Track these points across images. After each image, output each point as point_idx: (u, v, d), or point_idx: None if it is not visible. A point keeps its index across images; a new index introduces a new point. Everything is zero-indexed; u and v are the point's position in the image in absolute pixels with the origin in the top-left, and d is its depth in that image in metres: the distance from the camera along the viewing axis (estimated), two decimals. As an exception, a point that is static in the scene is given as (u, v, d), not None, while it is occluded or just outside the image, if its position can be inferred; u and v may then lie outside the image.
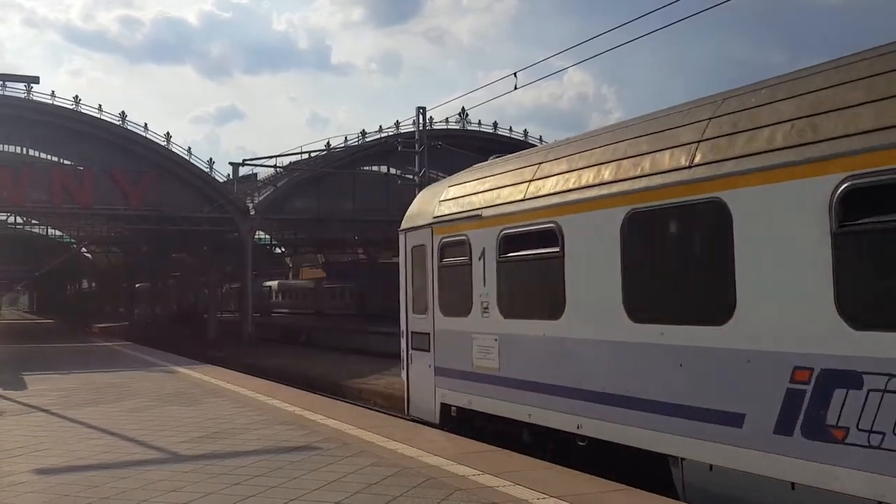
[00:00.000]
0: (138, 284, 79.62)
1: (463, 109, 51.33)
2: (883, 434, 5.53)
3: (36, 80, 25.78)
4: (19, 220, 52.14)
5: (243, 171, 47.06)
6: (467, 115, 51.91)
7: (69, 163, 46.05)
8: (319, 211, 52.27)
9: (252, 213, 49.31)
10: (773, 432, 6.25)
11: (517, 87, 15.50)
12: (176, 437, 10.29)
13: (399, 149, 29.83)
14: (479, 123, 54.24)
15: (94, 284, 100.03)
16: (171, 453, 9.25)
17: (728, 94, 7.41)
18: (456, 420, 10.61)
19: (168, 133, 46.57)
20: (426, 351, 11.07)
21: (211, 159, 58.80)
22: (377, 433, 10.23)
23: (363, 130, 51.29)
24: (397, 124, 47.17)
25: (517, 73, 15.13)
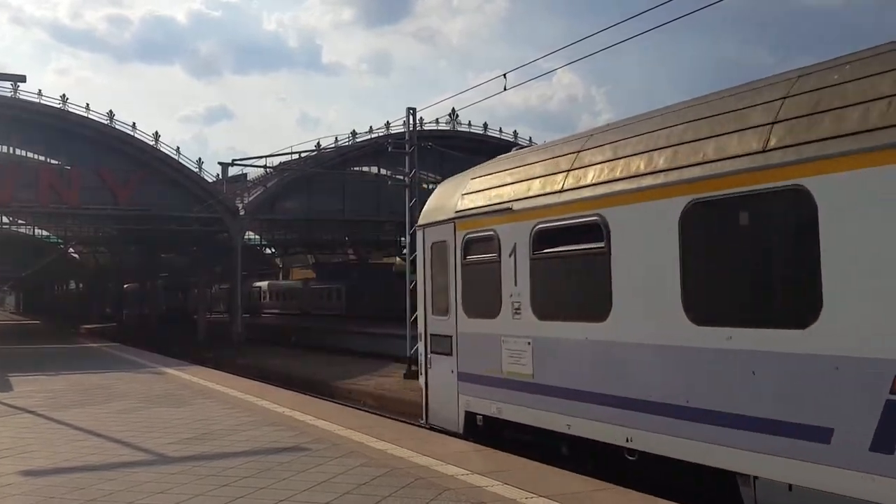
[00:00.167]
0: (127, 285, 79.30)
1: (453, 110, 51.05)
2: None
3: (23, 78, 25.34)
4: (5, 219, 51.96)
5: (233, 171, 46.88)
6: (457, 115, 51.63)
7: (56, 162, 45.26)
8: (309, 211, 51.72)
9: (242, 213, 48.80)
10: (870, 449, 5.53)
11: (507, 88, 15.60)
12: (164, 438, 10.17)
13: (389, 149, 29.63)
14: (470, 124, 54.00)
15: (81, 285, 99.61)
16: (158, 455, 9.13)
17: (801, 71, 6.69)
18: (482, 430, 9.80)
19: (157, 133, 45.93)
20: (448, 355, 10.34)
21: (200, 159, 58.31)
22: (367, 433, 10.10)
23: (353, 131, 50.90)
24: (387, 125, 46.84)
25: (507, 74, 15.21)
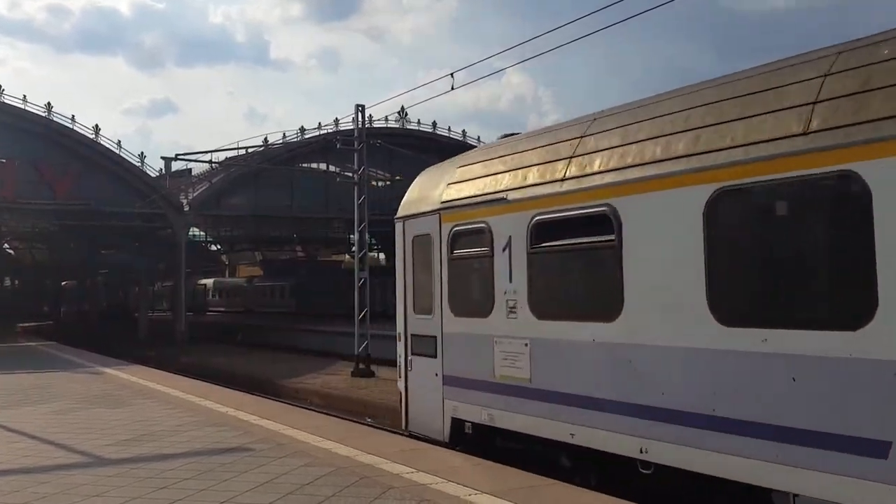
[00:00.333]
0: (65, 282, 77.11)
1: (402, 108, 50.83)
2: None
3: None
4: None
5: (178, 165, 46.30)
6: (406, 114, 51.65)
7: (-9, 155, 44.04)
8: (257, 208, 50.38)
9: (186, 209, 47.57)
10: None
11: (454, 88, 15.78)
12: (101, 440, 9.89)
13: (338, 146, 29.49)
14: (419, 123, 54.07)
15: (17, 282, 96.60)
16: (95, 457, 8.86)
17: (841, 47, 6.12)
18: (471, 438, 9.02)
19: (97, 125, 44.34)
20: (432, 357, 9.57)
21: (142, 153, 57.17)
22: (313, 433, 9.94)
23: (302, 127, 50.02)
24: (336, 121, 46.18)
25: (454, 73, 15.40)
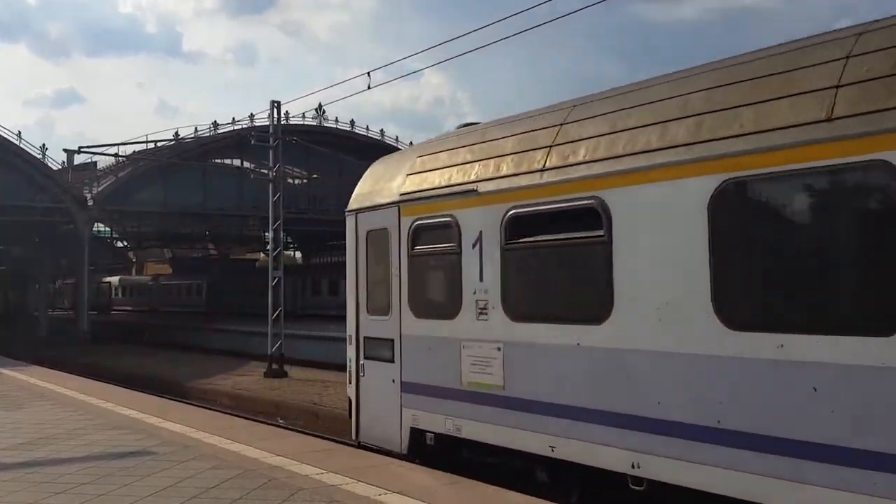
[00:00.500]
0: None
1: (320, 105, 50.34)
2: None
3: None
4: None
5: (83, 159, 44.41)
6: (324, 111, 51.20)
7: None
8: (167, 204, 48.69)
9: (90, 203, 45.60)
10: None
11: (370, 87, 16.11)
12: (-5, 444, 9.37)
13: (252, 142, 28.99)
14: (337, 121, 53.76)
15: None
16: (-11, 461, 8.36)
17: (860, 28, 5.62)
18: (433, 450, 8.30)
19: (-7, 115, 43.14)
20: (388, 362, 8.83)
21: (44, 145, 54.21)
22: (221, 435, 9.64)
23: (215, 121, 48.82)
24: (251, 117, 45.20)
25: (371, 72, 15.57)
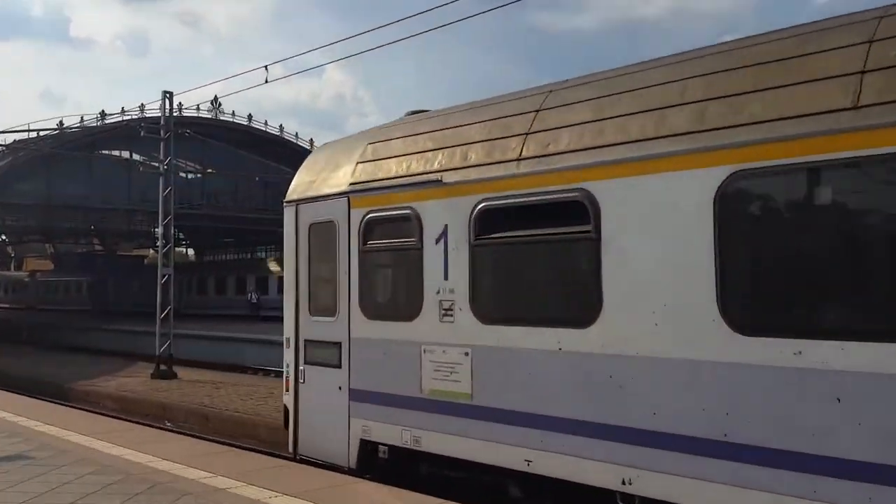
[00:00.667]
0: None
1: (216, 98, 49.13)
2: None
3: None
4: None
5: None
6: (220, 104, 49.88)
7: None
8: (50, 196, 46.32)
9: (-36, 194, 43.66)
10: None
11: (268, 81, 16.00)
12: None
13: (142, 133, 27.90)
14: (234, 114, 52.61)
15: None
16: None
17: (880, 11, 5.21)
18: (387, 464, 7.71)
19: None
20: (334, 367, 8.21)
21: (-89, 132, 51.03)
22: (103, 439, 9.31)
23: (103, 111, 46.58)
24: (142, 107, 43.66)
25: (269, 66, 15.64)
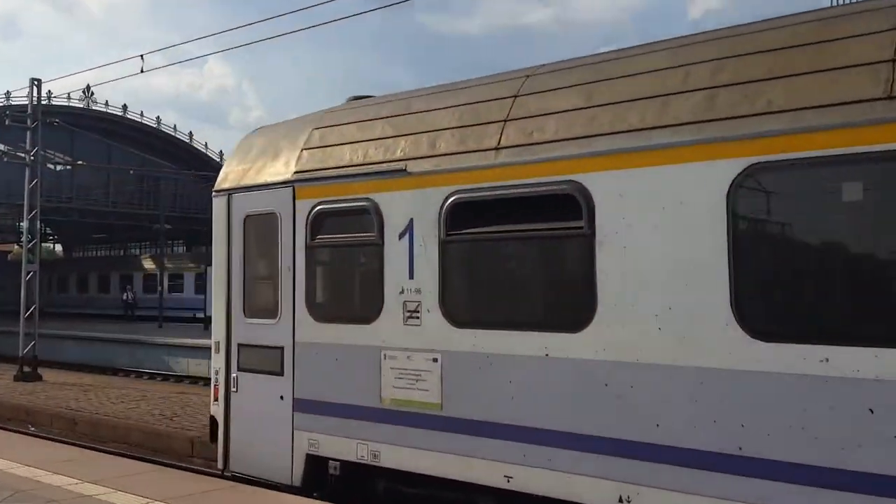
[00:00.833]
0: None
1: (88, 87, 46.87)
2: None
3: None
4: None
5: None
6: (93, 93, 47.42)
7: None
8: None
9: None
10: None
11: (143, 70, 16.18)
12: None
13: (7, 122, 26.28)
14: (107, 104, 50.22)
15: None
16: None
17: None
18: (338, 482, 7.04)
19: None
20: (275, 374, 7.52)
21: None
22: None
23: (-40, 98, 44.19)
24: (8, 94, 40.82)
25: (145, 55, 15.66)
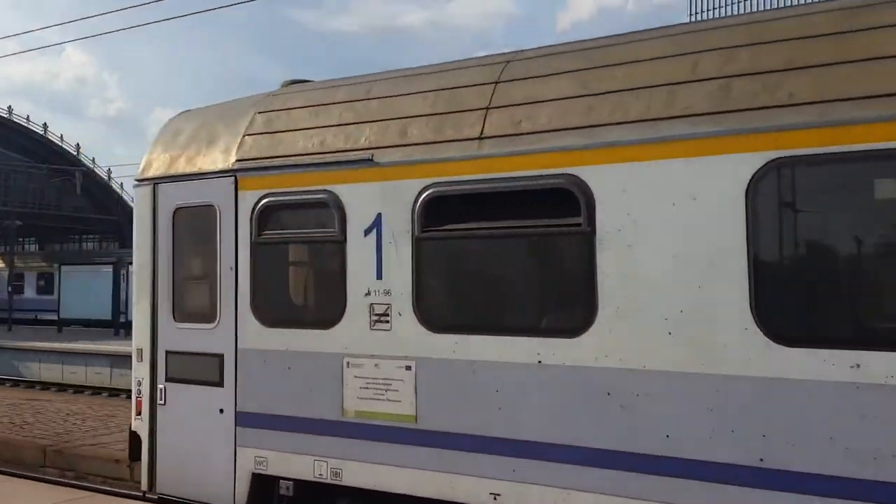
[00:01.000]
0: None
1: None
2: None
3: None
4: None
5: None
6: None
7: None
8: None
9: None
10: None
11: None
12: None
13: None
14: (-52, 92, 47.90)
15: None
16: None
17: None
18: (290, 503, 6.32)
19: None
20: (212, 385, 6.71)
21: None
22: None
23: None
24: None
25: None
